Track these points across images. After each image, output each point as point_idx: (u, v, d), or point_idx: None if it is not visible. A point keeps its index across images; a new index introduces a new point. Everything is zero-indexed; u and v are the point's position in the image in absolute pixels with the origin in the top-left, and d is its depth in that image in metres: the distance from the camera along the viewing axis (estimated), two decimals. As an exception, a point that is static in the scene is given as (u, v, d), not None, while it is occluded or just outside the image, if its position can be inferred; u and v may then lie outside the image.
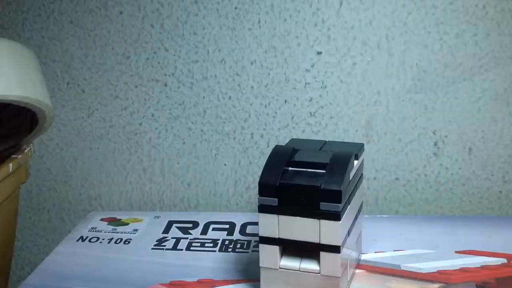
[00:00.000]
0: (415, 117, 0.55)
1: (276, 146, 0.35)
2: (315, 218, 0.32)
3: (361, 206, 0.38)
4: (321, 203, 0.31)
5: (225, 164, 0.60)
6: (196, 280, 0.38)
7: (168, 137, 0.61)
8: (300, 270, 0.33)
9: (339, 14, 0.54)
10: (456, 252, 0.40)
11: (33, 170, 0.65)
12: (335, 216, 0.31)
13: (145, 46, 0.59)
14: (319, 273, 0.33)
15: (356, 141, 0.56)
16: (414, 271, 0.38)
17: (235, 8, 0.55)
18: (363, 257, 0.39)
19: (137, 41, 0.59)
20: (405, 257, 0.39)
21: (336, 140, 0.57)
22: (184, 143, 0.61)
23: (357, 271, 0.38)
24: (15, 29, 0.61)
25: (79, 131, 0.63)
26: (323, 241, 0.32)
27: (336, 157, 0.33)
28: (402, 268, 0.38)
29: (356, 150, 0.35)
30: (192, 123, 0.60)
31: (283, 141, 0.58)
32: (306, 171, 0.33)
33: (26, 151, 0.48)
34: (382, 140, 0.56)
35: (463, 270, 0.37)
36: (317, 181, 0.31)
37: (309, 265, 0.33)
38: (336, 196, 0.31)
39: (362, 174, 0.38)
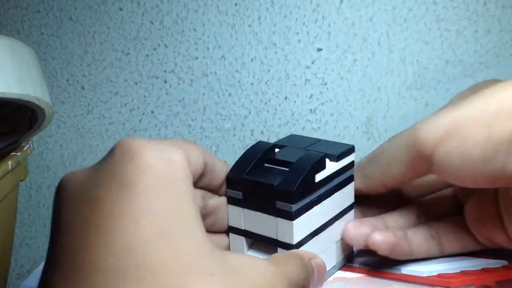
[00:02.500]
0: (416, 113, 0.55)
1: (259, 141, 0.35)
2: (273, 215, 0.32)
3: (346, 209, 0.37)
4: (276, 201, 0.32)
5: (225, 161, 0.60)
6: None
7: (168, 134, 0.61)
8: None
9: (340, 11, 0.53)
10: (457, 254, 0.39)
11: (32, 167, 0.65)
12: (289, 216, 0.31)
13: (144, 42, 0.58)
14: None
15: (357, 138, 0.56)
16: (415, 274, 0.37)
17: (235, 4, 0.55)
18: (362, 260, 0.39)
19: (136, 38, 0.58)
20: (405, 260, 0.39)
21: (336, 136, 0.57)
22: (184, 140, 0.60)
23: (357, 275, 0.38)
24: (14, 25, 0.61)
25: (78, 128, 0.63)
26: (280, 238, 0.32)
27: (305, 157, 0.33)
28: (402, 272, 0.38)
29: (335, 151, 0.35)
30: (192, 120, 0.60)
31: (283, 138, 0.57)
32: (277, 168, 0.34)
33: (25, 148, 0.48)
34: (382, 137, 0.56)
35: (463, 273, 0.37)
36: (277, 179, 0.32)
37: None
38: (289, 196, 0.31)
39: (351, 175, 0.37)
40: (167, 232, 0.23)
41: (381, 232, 0.36)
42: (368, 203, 0.39)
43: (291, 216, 0.31)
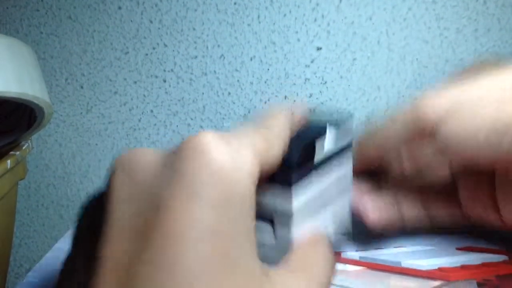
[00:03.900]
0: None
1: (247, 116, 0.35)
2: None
3: (347, 176, 0.37)
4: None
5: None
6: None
7: (167, 133, 0.61)
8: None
9: (339, 10, 0.53)
10: (457, 248, 0.39)
11: (31, 166, 0.65)
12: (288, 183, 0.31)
13: (144, 41, 0.58)
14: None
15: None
16: (415, 268, 0.37)
17: (234, 3, 0.55)
18: (364, 254, 0.39)
19: (135, 37, 0.58)
20: (406, 254, 0.39)
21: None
22: (183, 139, 0.60)
23: (357, 268, 0.38)
24: (13, 24, 0.61)
25: (77, 127, 0.63)
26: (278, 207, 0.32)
27: (303, 129, 0.33)
28: (402, 265, 0.38)
29: (334, 118, 0.34)
30: (191, 119, 0.59)
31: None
32: None
33: (24, 147, 0.48)
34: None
35: (463, 267, 0.37)
36: None
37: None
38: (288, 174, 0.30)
39: (351, 142, 0.36)
40: (226, 261, 0.22)
41: (375, 211, 0.36)
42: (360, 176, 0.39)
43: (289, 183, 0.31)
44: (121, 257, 0.23)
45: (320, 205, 0.35)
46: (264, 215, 0.32)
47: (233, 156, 0.24)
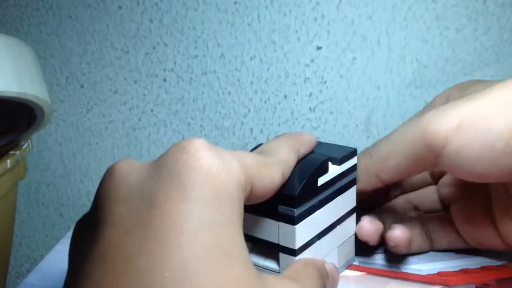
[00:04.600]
0: (415, 112, 0.55)
1: (260, 144, 0.35)
2: (274, 219, 0.32)
3: (351, 211, 0.37)
4: (278, 206, 0.31)
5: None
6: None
7: (167, 132, 0.61)
8: (263, 267, 0.34)
9: (339, 9, 0.53)
10: (456, 252, 0.39)
11: (31, 165, 0.65)
12: (291, 220, 0.31)
13: (144, 41, 0.58)
14: (279, 272, 0.33)
15: (356, 136, 0.56)
16: (414, 273, 0.37)
17: (235, 3, 0.55)
18: (363, 259, 0.39)
19: (136, 36, 0.58)
20: (405, 259, 0.39)
21: (336, 135, 0.57)
22: (183, 138, 0.60)
23: (357, 273, 0.38)
24: (13, 24, 0.61)
25: (78, 126, 0.63)
26: (282, 243, 0.32)
27: (307, 161, 0.33)
28: (402, 270, 0.38)
29: (338, 154, 0.35)
30: (192, 118, 0.60)
31: (283, 137, 0.57)
32: None
33: (24, 146, 0.48)
34: (382, 135, 0.56)
35: (463, 271, 0.37)
36: None
37: (271, 264, 0.33)
38: (291, 201, 0.31)
39: (354, 179, 0.36)
40: (221, 252, 0.23)
41: (400, 228, 0.36)
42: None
43: (294, 220, 0.31)
44: (119, 252, 0.23)
45: (326, 241, 0.35)
46: (268, 245, 0.33)
47: (221, 160, 0.25)
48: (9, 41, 0.42)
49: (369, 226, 0.36)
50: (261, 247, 0.34)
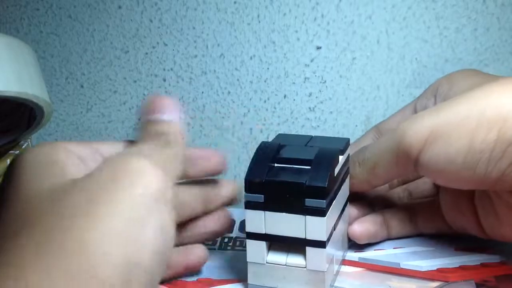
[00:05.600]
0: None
1: (262, 142, 0.35)
2: (300, 214, 0.32)
3: (346, 201, 0.38)
4: (306, 199, 0.31)
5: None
6: (196, 280, 0.38)
7: (167, 132, 0.61)
8: (287, 264, 0.33)
9: (339, 9, 0.53)
10: (456, 249, 0.39)
11: (31, 165, 0.65)
12: (320, 212, 0.31)
13: (143, 40, 0.58)
14: (305, 267, 0.33)
15: (356, 136, 0.56)
16: (414, 269, 0.37)
17: (234, 2, 0.55)
18: (363, 255, 0.39)
19: (135, 36, 0.58)
20: (405, 255, 0.39)
21: (336, 134, 0.57)
22: (182, 138, 0.60)
23: (356, 269, 0.38)
24: (13, 23, 0.61)
25: (77, 126, 0.63)
26: (309, 237, 0.32)
27: (322, 153, 0.33)
28: (401, 266, 0.38)
29: (341, 145, 0.36)
30: (191, 118, 0.60)
31: (282, 136, 0.57)
32: (292, 167, 0.34)
33: (24, 146, 0.48)
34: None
35: (462, 268, 0.37)
36: (302, 178, 0.32)
37: (295, 260, 0.33)
38: (321, 193, 0.31)
39: (348, 168, 0.38)
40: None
41: (360, 224, 0.39)
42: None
43: (323, 212, 0.31)
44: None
45: (339, 229, 0.36)
46: (293, 241, 0.33)
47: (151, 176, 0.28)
48: (9, 41, 0.42)
49: (361, 229, 0.39)
50: (279, 244, 0.34)
